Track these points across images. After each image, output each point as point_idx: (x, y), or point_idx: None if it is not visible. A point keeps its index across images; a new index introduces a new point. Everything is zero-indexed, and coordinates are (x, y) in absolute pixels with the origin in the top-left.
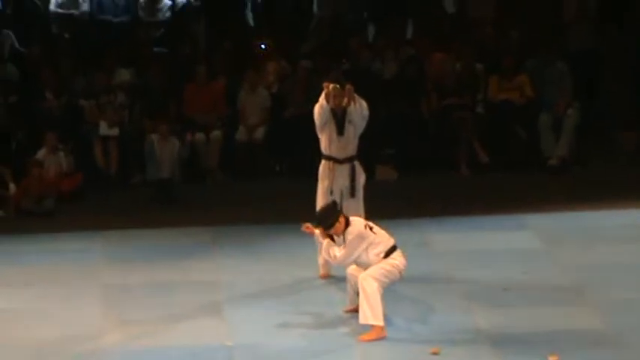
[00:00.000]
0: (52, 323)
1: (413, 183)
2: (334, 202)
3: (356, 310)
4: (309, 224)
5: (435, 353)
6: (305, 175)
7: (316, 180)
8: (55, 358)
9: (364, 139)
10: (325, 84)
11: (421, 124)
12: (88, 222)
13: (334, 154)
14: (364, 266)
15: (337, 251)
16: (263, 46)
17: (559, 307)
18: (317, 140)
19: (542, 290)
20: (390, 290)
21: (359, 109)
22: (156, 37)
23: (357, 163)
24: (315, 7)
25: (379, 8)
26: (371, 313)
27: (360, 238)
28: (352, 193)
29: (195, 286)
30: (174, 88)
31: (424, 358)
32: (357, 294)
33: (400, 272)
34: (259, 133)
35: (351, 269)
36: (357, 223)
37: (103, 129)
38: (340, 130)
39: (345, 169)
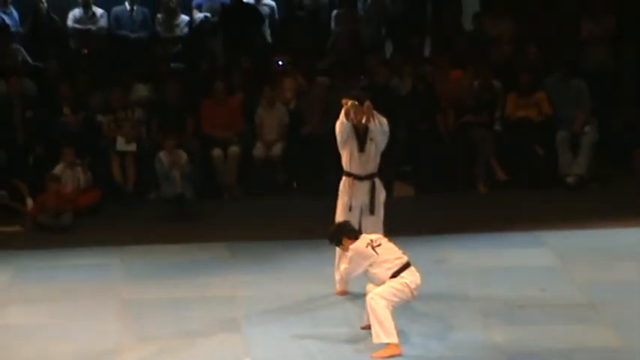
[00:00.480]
0: (69, 339)
1: (430, 200)
2: (345, 222)
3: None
4: None
5: None
6: (322, 192)
7: (334, 197)
8: None
9: (382, 155)
10: (344, 100)
11: (439, 142)
12: (106, 237)
13: (355, 170)
14: (375, 283)
15: (343, 266)
16: (280, 63)
17: (575, 324)
18: (334, 157)
19: (558, 308)
20: (407, 307)
21: (379, 127)
22: (173, 52)
23: (377, 180)
24: (332, 24)
25: (397, 25)
26: (382, 331)
27: (360, 256)
28: (372, 210)
29: (212, 301)
30: (192, 104)
31: None
32: None
33: (412, 291)
34: (277, 149)
35: (370, 286)
36: (361, 241)
37: (120, 144)
38: (361, 146)
39: (365, 185)
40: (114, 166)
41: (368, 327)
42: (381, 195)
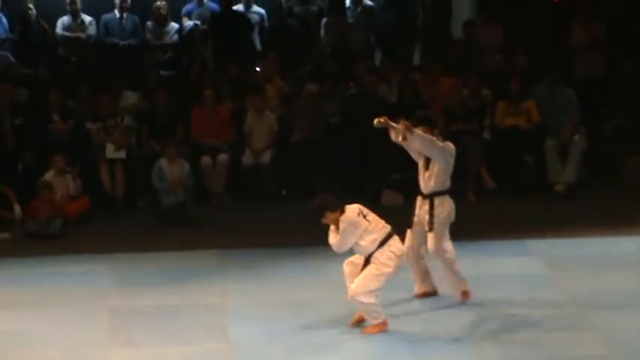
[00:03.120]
0: (58, 346)
1: None
2: (326, 195)
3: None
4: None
5: None
6: (311, 200)
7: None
8: None
9: (371, 163)
10: (376, 120)
11: None
12: (95, 245)
13: (421, 188)
14: (362, 254)
15: (333, 238)
16: (258, 69)
17: (564, 332)
18: (323, 164)
19: (547, 316)
20: (397, 313)
21: (428, 146)
22: (163, 60)
23: (438, 198)
24: (322, 32)
25: (386, 33)
26: (371, 320)
27: (352, 225)
28: (430, 227)
29: (201, 309)
30: (182, 112)
31: None
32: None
33: (399, 258)
34: (266, 156)
35: (350, 259)
36: (351, 210)
37: (110, 152)
38: (427, 164)
39: (426, 203)
40: (103, 174)
41: (358, 321)
42: (442, 212)
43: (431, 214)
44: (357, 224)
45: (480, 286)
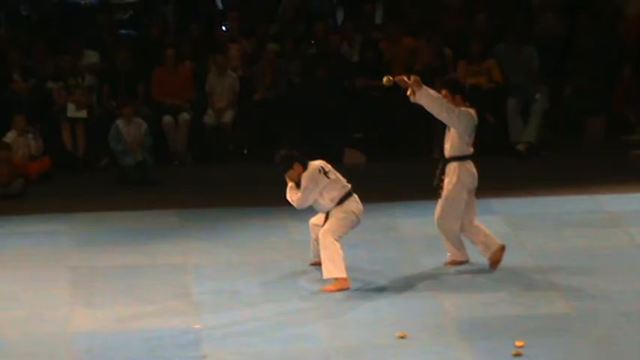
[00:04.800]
0: (19, 305)
1: (382, 167)
2: (289, 150)
3: (320, 263)
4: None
5: (401, 337)
6: (273, 159)
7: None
8: (22, 340)
9: (333, 123)
10: (385, 78)
11: (389, 109)
12: (56, 205)
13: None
14: (321, 211)
15: (293, 195)
16: (224, 29)
17: (526, 291)
18: (285, 124)
19: (508, 274)
20: (358, 272)
21: (440, 111)
22: (124, 19)
23: (452, 164)
24: None
25: None
26: (333, 266)
27: (313, 181)
28: (439, 192)
29: (163, 268)
30: (143, 71)
31: (390, 342)
32: (318, 244)
33: (357, 216)
34: (228, 116)
35: (313, 220)
36: (312, 166)
37: (71, 111)
38: (449, 127)
39: (445, 167)
40: (64, 134)
41: (316, 263)
42: (452, 179)
43: (441, 180)
44: (318, 180)
45: (441, 245)
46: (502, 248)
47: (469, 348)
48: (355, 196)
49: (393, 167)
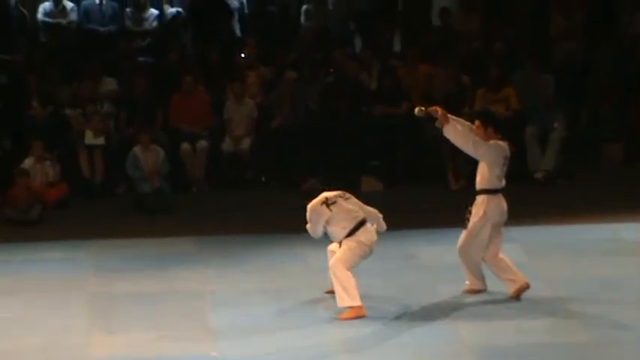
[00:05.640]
0: (37, 332)
1: (399, 195)
2: (319, 185)
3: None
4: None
5: None
6: (290, 187)
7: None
8: None
9: (350, 150)
10: (417, 109)
11: (408, 136)
12: (74, 231)
13: None
14: (334, 240)
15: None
16: (243, 55)
17: (544, 320)
18: (303, 151)
19: (526, 304)
20: (375, 300)
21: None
22: (142, 46)
23: (480, 197)
24: (302, 19)
25: (366, 20)
26: (346, 295)
27: (315, 214)
28: (464, 224)
29: (180, 296)
30: (161, 98)
31: None
32: None
33: (369, 247)
34: (245, 143)
35: (331, 247)
36: (317, 198)
37: (89, 138)
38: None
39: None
40: (82, 160)
41: (332, 292)
42: (478, 212)
43: (469, 212)
44: (319, 213)
45: (459, 274)
46: (527, 286)
47: None
48: (368, 225)
49: (410, 195)
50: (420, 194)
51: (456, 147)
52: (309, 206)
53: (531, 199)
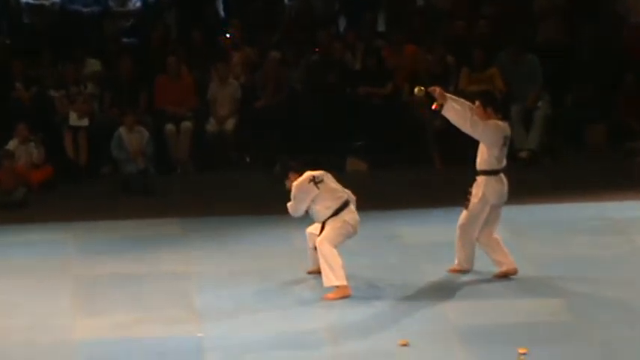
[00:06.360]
0: (21, 315)
1: (384, 175)
2: (285, 161)
3: (318, 272)
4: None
5: (403, 344)
6: (275, 167)
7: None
8: (25, 349)
9: (335, 130)
10: (417, 89)
11: (393, 117)
12: (59, 213)
13: None
14: (318, 220)
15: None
16: (228, 35)
17: (528, 299)
18: (287, 131)
19: (511, 283)
20: (360, 280)
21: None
22: (126, 27)
23: (480, 177)
24: None
25: (350, 1)
26: (332, 274)
27: (302, 191)
28: (465, 204)
29: (165, 277)
30: (145, 80)
31: (393, 349)
32: (316, 253)
33: (353, 227)
34: (230, 124)
35: (310, 228)
36: (304, 176)
37: (73, 120)
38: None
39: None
40: (66, 142)
41: (314, 272)
42: (477, 193)
43: (469, 192)
44: (307, 191)
45: (443, 253)
46: (515, 272)
47: (471, 355)
48: (351, 206)
49: (395, 175)
50: (404, 174)
51: (442, 128)
52: (295, 184)
53: (516, 179)
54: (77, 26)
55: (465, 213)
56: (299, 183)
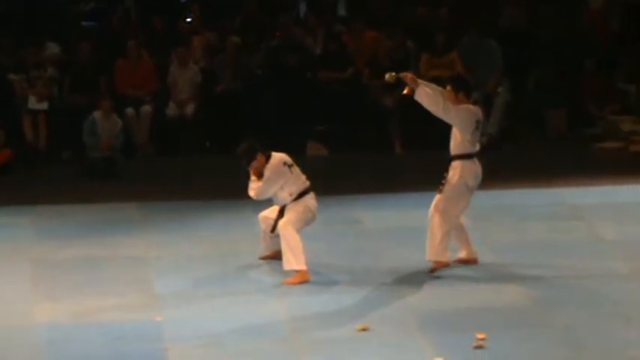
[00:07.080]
0: None
1: (344, 160)
2: (251, 142)
3: (271, 257)
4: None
5: (363, 329)
6: (234, 152)
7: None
8: None
9: (297, 115)
10: (387, 75)
11: (354, 101)
12: (17, 197)
13: None
14: (278, 203)
15: (255, 184)
16: (189, 20)
17: (487, 284)
18: (247, 116)
19: (470, 268)
20: (319, 265)
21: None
22: (86, 11)
23: (454, 162)
24: None
25: None
26: (294, 259)
27: (276, 173)
28: (439, 189)
29: (124, 261)
30: (105, 63)
31: (352, 335)
32: (270, 237)
33: (313, 213)
34: (190, 108)
35: (264, 212)
36: (277, 158)
37: (32, 103)
38: None
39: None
40: (26, 125)
41: (267, 257)
42: (453, 177)
43: (444, 177)
44: (281, 173)
45: (403, 238)
46: (475, 261)
47: (431, 340)
48: (312, 193)
49: (355, 160)
50: (364, 159)
51: (404, 113)
52: (268, 165)
53: None
54: (38, 10)
55: (439, 197)
56: (273, 165)
